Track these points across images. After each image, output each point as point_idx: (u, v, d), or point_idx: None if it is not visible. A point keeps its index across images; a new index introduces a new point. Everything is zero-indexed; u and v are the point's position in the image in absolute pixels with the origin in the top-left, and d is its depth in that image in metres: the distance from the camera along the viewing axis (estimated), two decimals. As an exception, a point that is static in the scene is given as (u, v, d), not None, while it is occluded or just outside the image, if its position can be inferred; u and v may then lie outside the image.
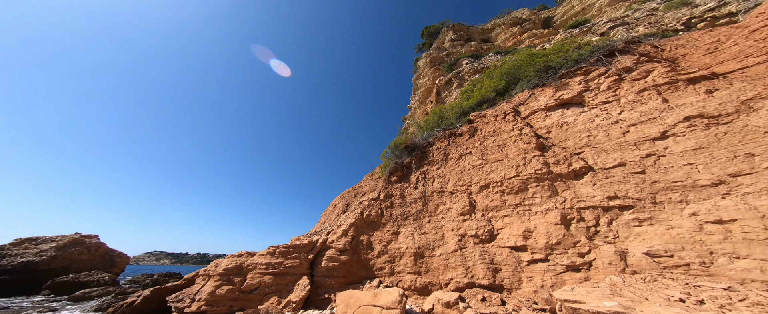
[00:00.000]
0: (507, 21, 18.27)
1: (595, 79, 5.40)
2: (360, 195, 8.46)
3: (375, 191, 6.79)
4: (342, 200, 9.07)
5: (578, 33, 9.77)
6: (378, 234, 5.41)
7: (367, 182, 10.53)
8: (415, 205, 5.60)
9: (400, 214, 5.58)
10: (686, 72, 4.03)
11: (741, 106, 3.06)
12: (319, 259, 5.35)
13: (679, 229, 2.71)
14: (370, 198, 6.38)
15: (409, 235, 5.04)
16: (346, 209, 8.26)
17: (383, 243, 5.17)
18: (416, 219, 5.34)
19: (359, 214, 5.94)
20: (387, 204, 5.97)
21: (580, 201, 3.62)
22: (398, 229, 5.32)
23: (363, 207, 6.15)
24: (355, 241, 5.39)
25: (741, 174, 2.66)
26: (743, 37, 3.94)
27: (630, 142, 3.73)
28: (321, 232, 6.20)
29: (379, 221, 5.67)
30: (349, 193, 9.60)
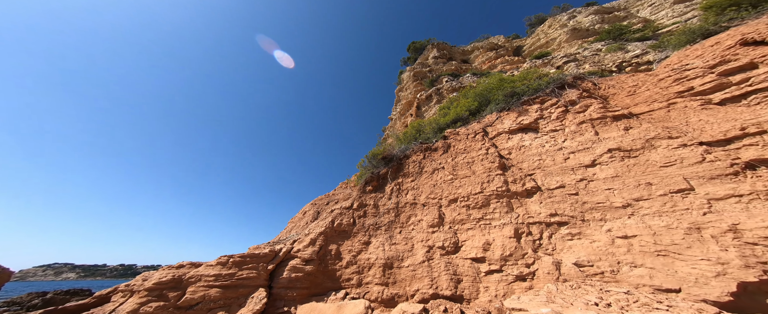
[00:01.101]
0: (484, 45, 20.02)
1: (548, 108, 6.19)
2: (333, 202, 8.36)
3: (349, 200, 6.78)
4: (313, 207, 8.89)
5: (541, 64, 11.08)
6: (348, 243, 5.41)
7: (341, 190, 10.43)
8: (388, 216, 5.71)
9: (372, 224, 5.64)
10: (613, 110, 4.88)
11: (646, 144, 3.81)
12: (281, 269, 5.12)
13: (598, 243, 3.25)
14: (343, 207, 6.35)
15: (380, 246, 5.11)
16: (316, 217, 8.09)
17: (353, 253, 5.18)
18: (388, 229, 5.45)
19: (330, 223, 5.90)
20: (360, 213, 6.00)
21: (530, 217, 4.11)
22: (369, 239, 5.37)
23: (335, 215, 6.10)
24: (323, 251, 5.32)
25: (642, 199, 3.30)
26: (653, 84, 4.92)
27: (569, 168, 4.37)
28: (285, 241, 6.01)
29: (351, 230, 5.67)
30: (321, 201, 9.47)
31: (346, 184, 10.74)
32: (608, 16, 13.30)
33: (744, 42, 4.51)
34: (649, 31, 9.02)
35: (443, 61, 20.42)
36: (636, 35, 9.08)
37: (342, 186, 11.26)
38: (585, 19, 14.27)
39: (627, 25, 10.16)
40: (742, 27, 4.95)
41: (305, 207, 9.69)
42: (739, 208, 2.69)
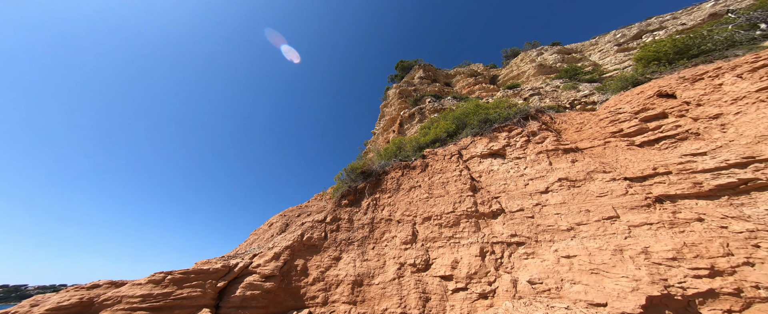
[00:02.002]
0: (465, 71, 21.74)
1: (514, 136, 6.91)
2: (305, 215, 8.08)
3: (322, 212, 6.72)
4: (282, 219, 8.48)
5: (512, 94, 12.33)
6: (317, 258, 5.34)
7: (315, 202, 10.23)
8: (362, 231, 5.77)
9: (345, 239, 5.65)
10: (564, 143, 5.65)
11: (587, 176, 4.47)
12: (234, 287, 4.67)
13: (547, 262, 3.68)
14: (316, 220, 6.28)
15: (351, 262, 5.12)
16: (284, 229, 7.73)
17: (321, 269, 5.11)
18: (361, 245, 5.48)
19: (299, 236, 5.77)
20: (333, 227, 5.99)
21: (494, 237, 4.50)
22: (340, 255, 5.35)
23: (305, 228, 6.02)
24: (288, 266, 5.17)
25: (582, 224, 3.85)
26: (595, 123, 5.81)
27: (528, 193, 4.92)
28: (244, 255, 5.72)
29: (321, 245, 5.62)
30: (291, 212, 9.10)
31: (321, 196, 10.53)
32: (567, 57, 15.34)
33: (659, 93, 5.59)
34: (597, 74, 10.65)
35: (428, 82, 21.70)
36: (586, 77, 10.65)
37: (316, 198, 10.93)
38: (550, 57, 16.29)
39: (580, 66, 11.88)
40: (659, 80, 6.13)
41: (272, 219, 9.20)
42: (649, 234, 3.28)
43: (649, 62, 7.60)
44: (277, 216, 9.24)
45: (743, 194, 3.09)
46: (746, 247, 2.64)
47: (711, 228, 2.96)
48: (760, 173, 3.11)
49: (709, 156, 3.62)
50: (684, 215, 3.22)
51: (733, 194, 3.14)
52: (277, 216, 9.21)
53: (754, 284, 2.37)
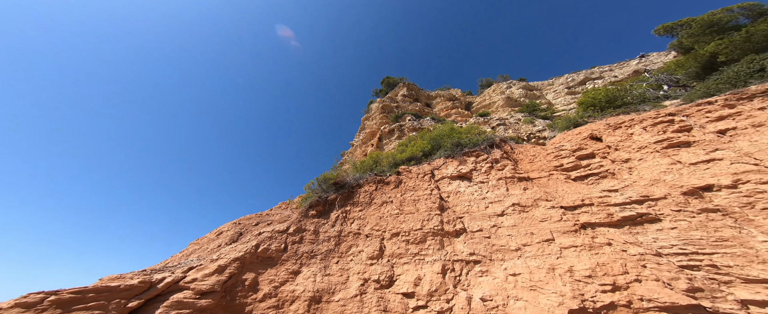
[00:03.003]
0: (445, 95, 23.47)
1: (480, 162, 7.67)
2: (264, 224, 7.45)
3: (285, 222, 6.44)
4: (235, 227, 7.71)
5: (482, 121, 13.64)
6: (272, 272, 5.01)
7: (278, 211, 9.59)
8: (327, 244, 5.70)
9: (307, 252, 5.50)
10: (519, 172, 6.50)
11: (534, 202, 5.21)
12: (153, 307, 4.01)
13: (497, 279, 4.15)
14: (277, 230, 5.99)
15: (312, 276, 4.95)
16: (236, 239, 7.01)
17: (275, 283, 4.79)
18: (325, 258, 5.37)
19: (253, 247, 5.40)
20: (296, 238, 5.82)
21: (455, 255, 4.91)
22: (300, 268, 5.14)
23: (263, 238, 5.70)
24: (234, 280, 4.70)
25: (527, 245, 4.45)
26: (543, 156, 6.81)
27: (487, 215, 5.50)
28: (174, 267, 4.99)
29: (279, 257, 5.33)
30: (248, 220, 8.37)
31: (287, 205, 10.03)
32: (530, 93, 17.58)
33: (591, 136, 6.80)
34: (550, 112, 12.47)
35: (410, 101, 22.89)
36: (542, 113, 12.39)
37: (281, 206, 10.34)
38: (516, 91, 18.48)
39: (538, 104, 13.79)
40: (592, 124, 7.45)
41: (223, 227, 8.32)
42: (574, 255, 3.94)
43: (587, 107, 9.19)
44: (230, 224, 8.32)
45: (639, 225, 3.94)
46: (637, 267, 3.37)
47: (615, 251, 3.70)
48: (651, 209, 4.01)
49: (619, 193, 4.54)
50: (599, 240, 3.97)
51: (632, 224, 3.98)
52: (229, 225, 8.30)
53: (640, 297, 3.04)
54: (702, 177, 3.97)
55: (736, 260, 2.90)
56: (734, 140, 4.35)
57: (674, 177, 4.27)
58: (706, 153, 4.35)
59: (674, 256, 3.28)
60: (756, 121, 4.52)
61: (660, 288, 3.01)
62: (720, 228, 3.26)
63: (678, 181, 4.16)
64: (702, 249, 3.17)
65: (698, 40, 10.76)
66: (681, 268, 3.13)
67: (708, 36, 10.60)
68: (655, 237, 3.62)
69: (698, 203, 3.70)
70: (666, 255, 3.35)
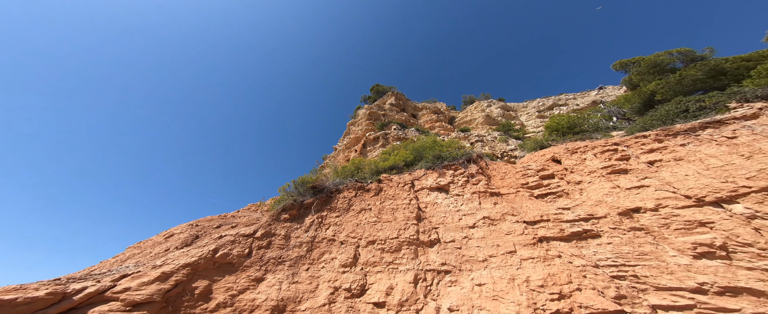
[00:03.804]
0: (430, 108, 24.49)
1: (458, 175, 8.18)
2: (227, 226, 6.97)
3: (253, 226, 6.14)
4: (191, 229, 7.03)
5: (463, 137, 14.47)
6: (230, 279, 4.63)
7: (246, 213, 9.16)
8: (298, 250, 5.53)
9: (275, 257, 5.25)
10: (491, 188, 7.07)
11: (501, 217, 5.71)
12: None
13: (465, 289, 4.47)
14: (241, 233, 5.65)
15: (277, 284, 4.67)
16: (191, 242, 6.41)
17: (232, 292, 4.40)
18: (294, 265, 5.18)
19: (211, 252, 4.95)
20: (263, 243, 5.54)
21: (428, 265, 5.18)
22: (264, 275, 4.83)
23: (224, 242, 5.29)
24: (180, 289, 4.20)
25: (492, 256, 4.87)
26: (512, 174, 7.48)
27: (460, 226, 5.90)
28: (100, 275, 4.36)
29: (241, 263, 5.00)
30: (209, 222, 7.70)
31: (257, 207, 9.59)
32: (507, 113, 19.04)
33: (552, 158, 7.64)
34: (522, 133, 13.69)
35: (397, 110, 23.50)
36: (515, 133, 13.55)
37: (250, 208, 9.89)
38: (495, 110, 19.89)
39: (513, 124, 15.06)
40: (554, 147, 8.36)
41: (175, 229, 7.52)
42: (531, 266, 4.41)
43: (552, 131, 10.28)
44: (185, 225, 7.54)
45: (584, 240, 4.54)
46: (579, 277, 3.89)
47: (564, 263, 4.22)
48: (594, 226, 4.65)
49: (570, 210, 5.18)
50: (551, 252, 4.49)
51: (578, 239, 4.58)
52: (184, 226, 7.51)
53: (579, 304, 3.52)
54: (633, 201, 4.71)
55: (651, 271, 3.51)
56: (659, 170, 5.23)
57: (613, 199, 5.00)
58: (638, 180, 5.17)
59: (608, 267, 3.86)
60: (677, 155, 5.48)
61: (595, 295, 3.52)
62: (642, 244, 3.91)
63: (616, 203, 4.88)
64: (628, 261, 3.77)
65: (643, 78, 12.61)
66: (612, 278, 3.69)
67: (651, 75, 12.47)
68: (595, 251, 4.20)
69: (629, 222, 4.39)
70: (602, 267, 3.92)
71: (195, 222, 7.81)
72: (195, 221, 7.90)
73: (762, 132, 5.01)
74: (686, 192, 4.34)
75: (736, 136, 5.16)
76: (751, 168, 4.25)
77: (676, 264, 3.44)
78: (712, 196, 4.04)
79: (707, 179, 4.39)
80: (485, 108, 20.81)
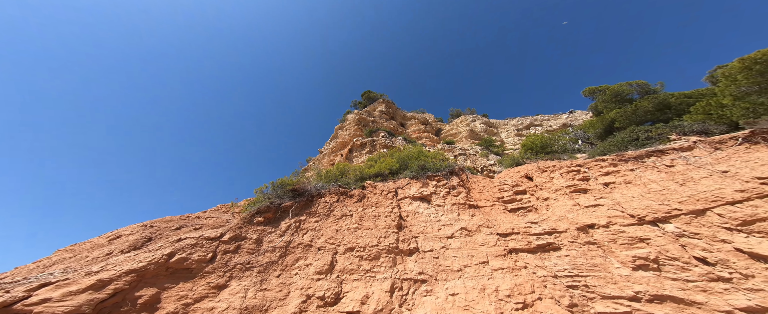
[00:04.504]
0: (419, 118, 25.26)
1: (440, 186, 8.53)
2: (189, 228, 6.39)
3: (220, 228, 5.82)
4: (144, 231, 6.32)
5: (447, 149, 15.09)
6: (186, 287, 4.20)
7: (214, 214, 8.57)
8: (270, 255, 5.27)
9: (242, 263, 4.95)
10: (470, 201, 7.48)
11: (477, 228, 6.07)
12: None
13: (439, 299, 4.67)
14: (206, 236, 5.23)
15: (242, 291, 4.36)
16: (141, 245, 5.79)
17: (187, 300, 4.00)
18: (263, 271, 4.90)
19: (165, 256, 4.45)
20: (231, 247, 5.20)
21: (405, 274, 5.34)
22: (228, 282, 4.48)
23: (182, 246, 4.80)
24: (120, 298, 3.76)
25: (467, 266, 5.15)
26: (490, 188, 7.99)
27: (439, 236, 6.17)
28: (11, 284, 3.75)
29: (202, 269, 4.57)
30: (167, 223, 7.04)
31: (227, 209, 9.12)
32: (489, 129, 20.18)
33: (526, 175, 8.28)
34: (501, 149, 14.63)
35: (386, 118, 23.94)
36: (495, 149, 14.45)
37: (220, 209, 9.31)
38: (478, 126, 20.99)
39: (494, 140, 16.04)
40: (528, 165, 9.07)
41: (124, 230, 6.67)
42: (501, 276, 4.74)
43: (527, 150, 11.12)
44: (137, 226, 6.62)
45: (547, 252, 4.99)
46: (541, 287, 4.27)
47: (529, 274, 4.61)
48: (556, 239, 5.13)
49: (537, 224, 5.67)
50: (519, 263, 4.88)
51: (542, 251, 5.02)
52: (135, 227, 6.60)
53: (539, 313, 3.86)
54: (589, 217, 5.29)
55: (599, 281, 3.97)
56: (613, 191, 5.93)
57: (574, 216, 5.57)
58: (594, 199, 5.81)
59: (564, 278, 4.28)
60: (627, 178, 6.25)
61: (552, 304, 3.89)
62: (594, 257, 4.41)
63: (575, 219, 5.44)
64: (581, 272, 4.23)
65: (607, 106, 14.14)
66: (567, 288, 4.10)
67: (613, 104, 14.02)
68: (555, 262, 4.64)
69: (584, 237, 4.91)
70: (560, 277, 4.34)
71: (150, 222, 7.03)
72: (150, 221, 7.09)
73: (694, 162, 5.90)
74: (631, 211, 4.98)
75: (674, 165, 6.02)
76: (683, 193, 4.99)
77: (619, 274, 3.93)
78: (651, 216, 4.68)
79: (648, 201, 5.07)
80: (470, 123, 21.91)
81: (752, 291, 3.13)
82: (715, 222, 4.09)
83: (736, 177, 4.82)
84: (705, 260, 3.69)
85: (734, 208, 4.16)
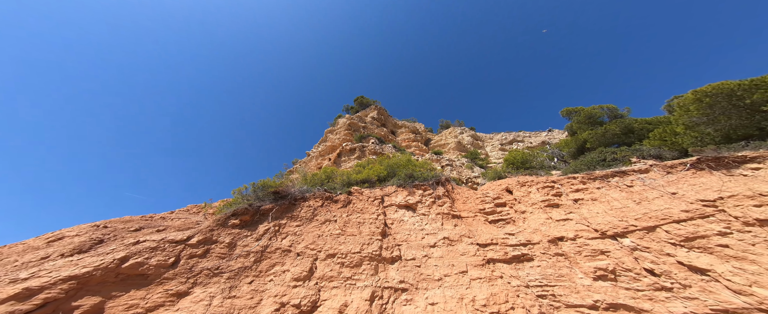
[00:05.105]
0: (410, 127, 25.84)
1: (426, 196, 8.79)
2: (151, 230, 5.71)
3: (188, 230, 5.38)
4: (93, 231, 5.48)
5: (435, 159, 15.53)
6: (136, 295, 3.82)
7: (182, 214, 7.80)
8: (244, 260, 4.96)
9: (210, 268, 4.57)
10: (454, 211, 7.78)
11: (459, 238, 6.33)
12: None
13: (418, 308, 4.80)
14: (169, 239, 4.80)
15: (207, 298, 4.01)
16: (88, 248, 5.04)
17: (138, 309, 3.68)
18: (235, 277, 4.57)
19: (117, 260, 4.03)
20: (198, 251, 4.82)
21: (386, 282, 5.42)
22: (190, 289, 4.09)
23: (140, 249, 4.38)
24: (50, 309, 3.44)
25: (447, 275, 5.35)
26: (473, 199, 8.36)
27: (422, 245, 6.35)
28: None
29: (159, 275, 4.16)
30: (123, 224, 6.14)
31: (199, 209, 8.49)
32: (475, 142, 21.05)
33: (506, 189, 8.77)
34: (486, 162, 15.35)
35: (378, 124, 24.26)
36: (480, 162, 15.13)
37: (191, 210, 8.62)
38: (466, 138, 21.84)
39: (479, 153, 16.79)
40: (509, 179, 9.60)
41: (68, 230, 5.69)
42: (478, 286, 4.98)
43: (509, 164, 11.78)
44: (86, 226, 5.65)
45: (521, 262, 5.32)
46: (514, 296, 4.54)
47: (504, 283, 4.88)
48: (530, 251, 5.49)
49: (514, 236, 6.03)
50: (495, 273, 5.15)
51: (517, 262, 5.34)
52: (83, 227, 5.61)
53: (512, 320, 4.11)
54: (560, 231, 5.73)
55: (564, 291, 4.31)
56: (581, 207, 6.46)
57: (546, 228, 5.99)
58: (565, 213, 6.30)
59: (535, 287, 4.59)
60: (594, 196, 6.85)
61: (523, 313, 4.16)
62: (561, 268, 4.78)
63: (548, 232, 5.86)
64: (550, 282, 4.56)
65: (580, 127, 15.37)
66: (537, 297, 4.41)
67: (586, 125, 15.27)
68: (528, 272, 4.96)
69: (554, 248, 5.31)
70: (531, 287, 4.65)
71: (104, 222, 6.05)
72: (104, 221, 6.10)
73: (649, 184, 6.61)
74: (596, 226, 5.47)
75: (633, 186, 6.70)
76: (639, 211, 5.58)
77: (582, 284, 4.30)
78: (612, 231, 5.18)
79: (610, 217, 5.60)
80: (458, 135, 22.75)
81: (688, 300, 3.58)
82: (663, 237, 4.63)
83: (682, 198, 5.48)
84: (653, 271, 4.15)
85: (679, 226, 4.73)
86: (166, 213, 7.99)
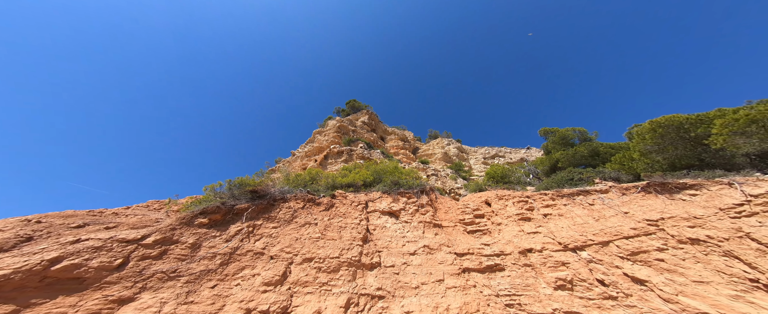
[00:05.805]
0: (399, 134, 26.33)
1: (410, 203, 9.02)
2: (99, 227, 5.05)
3: (144, 228, 4.88)
4: (21, 227, 4.67)
5: (422, 168, 15.96)
6: (64, 302, 3.34)
7: (141, 211, 7.00)
8: (207, 262, 4.54)
9: (165, 271, 4.11)
10: (435, 220, 8.09)
11: (438, 247, 6.60)
12: None
13: None
14: (119, 238, 4.28)
15: (156, 305, 3.61)
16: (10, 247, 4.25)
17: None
18: (194, 281, 4.17)
19: (46, 262, 3.58)
20: (153, 252, 4.36)
21: (364, 289, 5.47)
22: (136, 294, 3.66)
23: (78, 249, 3.89)
24: None
25: (424, 284, 5.55)
26: (454, 210, 8.75)
27: (402, 252, 6.52)
28: None
29: (99, 278, 3.71)
30: (63, 219, 5.26)
31: (161, 205, 7.73)
32: (461, 154, 21.92)
33: (485, 201, 9.28)
34: (469, 174, 16.07)
35: (368, 129, 24.46)
36: (463, 174, 15.81)
37: (151, 206, 7.75)
38: (452, 150, 22.66)
39: (463, 165, 17.54)
40: (488, 192, 10.17)
41: None
42: (453, 294, 5.23)
43: (490, 178, 12.46)
44: (14, 220, 4.78)
45: (493, 272, 5.67)
46: (485, 305, 4.84)
47: (477, 292, 5.18)
48: (502, 261, 5.87)
49: (489, 247, 6.41)
50: (470, 282, 5.45)
51: (490, 272, 5.70)
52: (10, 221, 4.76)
53: (481, 326, 4.37)
54: (529, 243, 6.20)
55: (529, 300, 4.69)
56: (549, 222, 7.04)
57: (518, 240, 6.45)
58: (535, 227, 6.83)
59: (504, 297, 4.94)
60: (561, 212, 7.49)
61: (492, 318, 4.45)
62: (528, 278, 5.19)
63: (519, 243, 6.32)
64: (517, 292, 4.93)
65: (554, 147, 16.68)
66: (505, 306, 4.74)
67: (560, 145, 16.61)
68: (499, 282, 5.32)
69: (524, 259, 5.74)
70: (501, 296, 4.99)
71: (38, 216, 5.17)
72: (39, 216, 5.22)
73: (607, 203, 7.37)
74: (560, 239, 6.01)
75: (594, 204, 7.43)
76: (597, 227, 6.21)
77: (544, 293, 4.71)
78: (573, 244, 5.72)
79: (573, 232, 6.18)
80: (445, 145, 23.57)
81: (629, 307, 4.08)
82: (614, 251, 5.22)
83: (632, 217, 6.20)
84: (603, 281, 4.66)
85: (627, 241, 5.36)
86: (120, 209, 6.85)
